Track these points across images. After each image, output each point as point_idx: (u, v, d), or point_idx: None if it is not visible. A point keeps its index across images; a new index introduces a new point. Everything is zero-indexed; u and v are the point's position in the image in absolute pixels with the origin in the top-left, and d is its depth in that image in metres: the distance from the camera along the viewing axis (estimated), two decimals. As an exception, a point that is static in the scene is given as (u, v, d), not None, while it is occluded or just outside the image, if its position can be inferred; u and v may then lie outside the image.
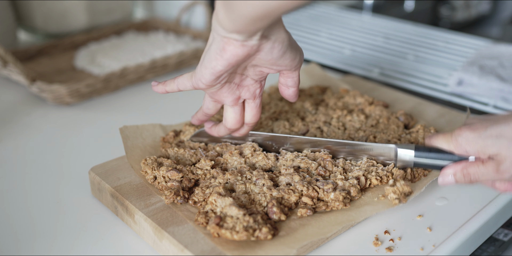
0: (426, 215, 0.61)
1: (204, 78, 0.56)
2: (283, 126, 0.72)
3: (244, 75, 0.60)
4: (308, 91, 0.83)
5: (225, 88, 0.60)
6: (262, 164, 0.64)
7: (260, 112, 0.64)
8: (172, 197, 0.59)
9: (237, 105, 0.63)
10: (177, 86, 0.61)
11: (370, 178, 0.61)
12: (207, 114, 0.65)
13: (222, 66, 0.54)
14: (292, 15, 1.37)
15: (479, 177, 0.56)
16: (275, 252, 0.52)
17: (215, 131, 0.67)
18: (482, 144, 0.55)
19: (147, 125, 0.71)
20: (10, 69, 0.93)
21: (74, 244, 0.59)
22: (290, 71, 0.60)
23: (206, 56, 0.55)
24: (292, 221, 0.57)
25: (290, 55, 0.57)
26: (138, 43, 1.12)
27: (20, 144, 0.79)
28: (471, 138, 0.55)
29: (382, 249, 0.55)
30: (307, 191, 0.59)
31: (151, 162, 0.63)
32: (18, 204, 0.66)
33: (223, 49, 0.53)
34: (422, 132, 0.71)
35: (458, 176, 0.58)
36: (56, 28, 1.17)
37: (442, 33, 1.20)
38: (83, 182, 0.69)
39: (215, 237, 0.54)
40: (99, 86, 0.92)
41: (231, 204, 0.55)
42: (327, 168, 0.63)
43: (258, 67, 0.58)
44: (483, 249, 0.66)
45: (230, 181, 0.60)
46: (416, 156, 0.61)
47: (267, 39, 0.53)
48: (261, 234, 0.53)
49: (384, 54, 1.09)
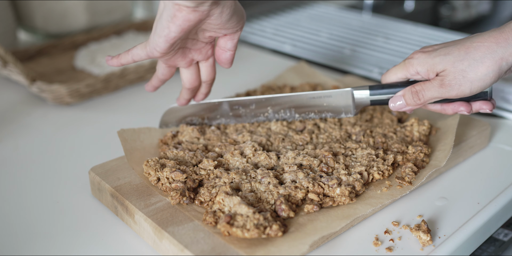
0: (426, 215, 0.61)
1: (159, 46, 0.58)
2: (281, 124, 0.72)
3: (195, 39, 0.63)
4: (299, 89, 0.84)
5: (178, 54, 0.63)
6: (265, 164, 0.65)
7: (215, 70, 0.68)
8: (178, 197, 0.59)
9: (191, 66, 0.66)
10: (132, 57, 0.62)
11: (372, 173, 0.62)
12: (162, 79, 0.69)
13: (175, 32, 0.56)
14: (292, 15, 1.37)
15: (425, 94, 0.62)
16: (288, 248, 0.52)
17: (179, 100, 0.70)
18: (431, 62, 0.60)
19: (143, 128, 0.71)
20: (10, 69, 0.93)
21: (74, 244, 0.59)
22: (233, 33, 0.63)
23: (158, 24, 0.57)
24: (300, 217, 0.57)
25: (236, 18, 0.60)
26: (138, 43, 1.12)
27: (20, 144, 0.79)
28: (422, 58, 0.61)
29: (382, 249, 0.55)
30: (313, 187, 0.59)
31: (153, 164, 0.63)
32: (18, 204, 0.66)
33: (174, 16, 0.55)
34: (417, 126, 0.72)
35: (407, 96, 0.63)
36: (56, 28, 1.17)
37: (442, 33, 1.20)
38: (83, 182, 0.69)
39: (226, 236, 0.54)
40: (99, 86, 0.92)
41: (240, 202, 0.55)
42: (329, 165, 0.63)
43: (207, 31, 0.61)
44: (483, 249, 0.66)
45: (235, 180, 0.61)
46: (371, 94, 0.66)
47: (217, 5, 0.55)
48: (271, 231, 0.53)
49: (384, 54, 1.09)
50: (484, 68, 0.58)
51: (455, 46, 0.60)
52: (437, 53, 0.61)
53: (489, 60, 0.58)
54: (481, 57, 0.58)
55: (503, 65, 0.58)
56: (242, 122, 0.73)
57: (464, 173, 0.69)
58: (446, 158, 0.65)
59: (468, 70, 0.59)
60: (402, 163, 0.65)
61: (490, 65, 0.58)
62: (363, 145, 0.67)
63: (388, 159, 0.65)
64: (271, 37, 1.22)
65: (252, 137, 0.70)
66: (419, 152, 0.66)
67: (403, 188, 0.62)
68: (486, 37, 0.59)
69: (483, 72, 0.58)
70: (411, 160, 0.66)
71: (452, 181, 0.67)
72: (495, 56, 0.58)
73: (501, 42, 0.58)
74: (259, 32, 1.26)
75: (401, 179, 0.62)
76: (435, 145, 0.70)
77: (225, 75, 1.05)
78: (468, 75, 0.59)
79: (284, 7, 1.41)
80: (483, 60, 0.58)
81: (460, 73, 0.59)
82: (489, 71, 0.58)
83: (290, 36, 1.21)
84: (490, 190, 0.66)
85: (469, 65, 0.59)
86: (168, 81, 0.71)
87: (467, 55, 0.59)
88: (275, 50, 1.17)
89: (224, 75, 1.05)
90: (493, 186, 0.67)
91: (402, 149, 0.68)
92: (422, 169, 0.65)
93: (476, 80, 0.59)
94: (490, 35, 0.59)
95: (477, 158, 0.73)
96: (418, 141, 0.70)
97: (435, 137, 0.72)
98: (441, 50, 0.61)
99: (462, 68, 0.59)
